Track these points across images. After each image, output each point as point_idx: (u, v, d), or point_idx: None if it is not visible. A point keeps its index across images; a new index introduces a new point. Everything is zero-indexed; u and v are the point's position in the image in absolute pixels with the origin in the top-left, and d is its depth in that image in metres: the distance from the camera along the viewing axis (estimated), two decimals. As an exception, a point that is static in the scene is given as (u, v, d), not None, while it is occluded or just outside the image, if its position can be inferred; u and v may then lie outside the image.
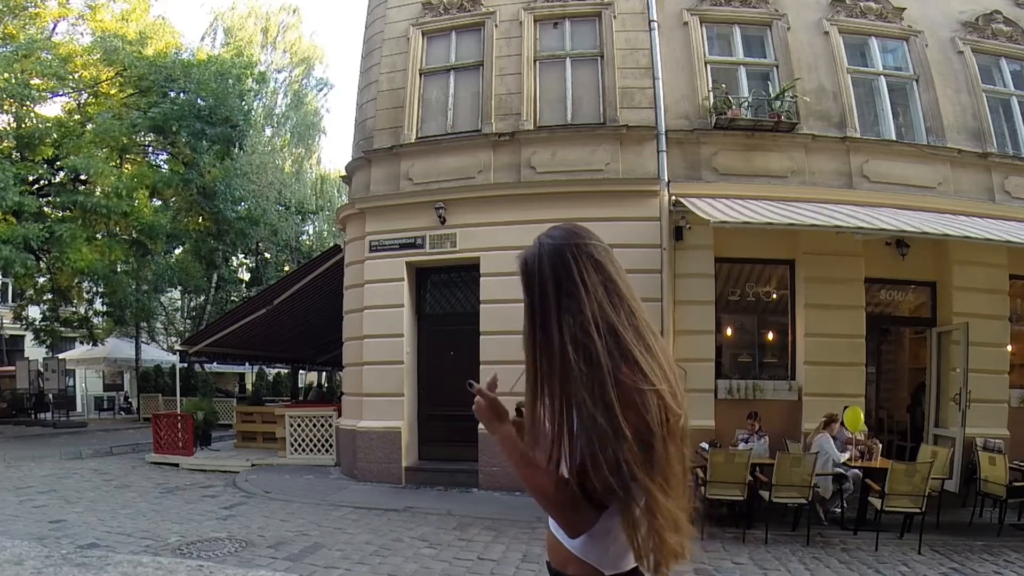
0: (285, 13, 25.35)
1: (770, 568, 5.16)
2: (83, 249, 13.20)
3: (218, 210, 16.71)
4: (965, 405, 7.47)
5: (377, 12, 9.96)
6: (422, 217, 8.61)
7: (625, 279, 1.13)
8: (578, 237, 1.15)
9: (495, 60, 8.98)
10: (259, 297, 12.91)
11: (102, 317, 19.83)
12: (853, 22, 8.97)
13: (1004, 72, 9.25)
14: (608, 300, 1.08)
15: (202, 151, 16.08)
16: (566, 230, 1.17)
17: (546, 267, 1.11)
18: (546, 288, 1.10)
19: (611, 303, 1.08)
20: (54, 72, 14.02)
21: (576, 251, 1.12)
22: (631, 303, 1.10)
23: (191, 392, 17.10)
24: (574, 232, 1.16)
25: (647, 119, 8.44)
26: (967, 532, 6.28)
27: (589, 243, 1.14)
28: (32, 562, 4.78)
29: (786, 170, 8.42)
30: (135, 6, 16.57)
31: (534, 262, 1.13)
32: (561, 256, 1.11)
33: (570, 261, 1.10)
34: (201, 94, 15.98)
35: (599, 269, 1.11)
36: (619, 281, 1.11)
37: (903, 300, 8.74)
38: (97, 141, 13.96)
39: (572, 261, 1.10)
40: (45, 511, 6.82)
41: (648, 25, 8.77)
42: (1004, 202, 8.56)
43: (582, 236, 1.15)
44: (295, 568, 4.96)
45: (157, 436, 11.16)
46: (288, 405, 12.87)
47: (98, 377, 23.87)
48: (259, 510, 7.14)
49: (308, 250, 21.57)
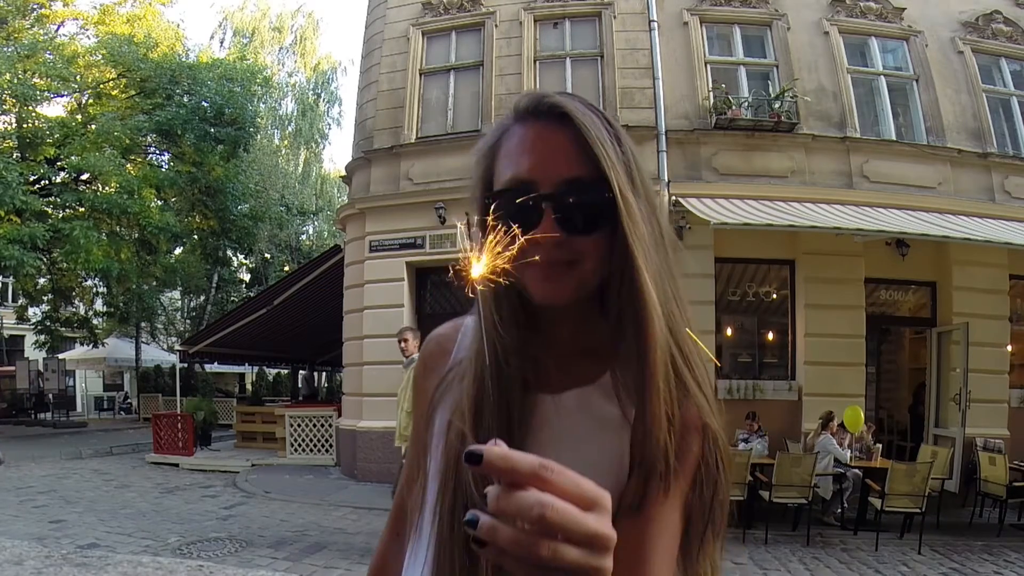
0: (301, 16, 25.21)
1: (770, 568, 5.16)
2: (93, 248, 13.20)
3: (224, 207, 16.73)
4: (965, 405, 7.47)
5: (377, 12, 9.96)
6: (422, 217, 8.61)
7: None
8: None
9: (495, 60, 8.98)
10: (259, 297, 12.93)
11: (103, 317, 19.85)
12: (853, 22, 8.97)
13: (1004, 72, 9.25)
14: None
15: (208, 151, 16.09)
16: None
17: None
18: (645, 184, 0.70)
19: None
20: (57, 73, 14.02)
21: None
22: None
23: (191, 392, 17.09)
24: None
25: (647, 119, 8.44)
26: (967, 532, 6.29)
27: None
28: (32, 562, 4.78)
29: (786, 170, 8.42)
30: (145, 11, 16.58)
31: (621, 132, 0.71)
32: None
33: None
34: (207, 97, 15.98)
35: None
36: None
37: (903, 300, 8.75)
38: (99, 141, 13.95)
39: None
40: (45, 511, 6.82)
41: (648, 25, 8.77)
42: (1004, 202, 8.55)
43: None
44: (295, 568, 4.96)
45: (157, 436, 11.16)
46: (288, 405, 12.87)
47: (98, 377, 23.86)
48: (259, 510, 7.14)
49: (308, 250, 21.61)
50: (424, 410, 0.78)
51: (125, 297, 16.61)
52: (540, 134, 0.68)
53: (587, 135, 0.65)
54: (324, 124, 24.84)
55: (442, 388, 0.75)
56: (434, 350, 0.82)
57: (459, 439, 0.68)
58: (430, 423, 0.76)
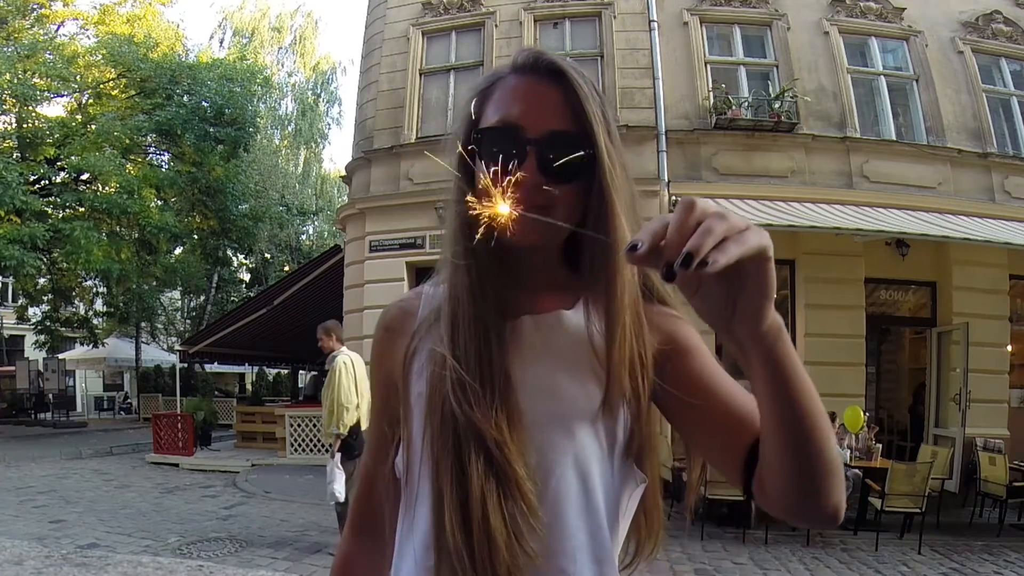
0: (300, 16, 25.18)
1: (770, 568, 5.16)
2: (93, 249, 13.21)
3: (224, 207, 16.74)
4: (965, 405, 7.47)
5: (377, 12, 9.96)
6: (422, 217, 8.61)
7: None
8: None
9: (495, 60, 8.97)
10: (259, 297, 12.94)
11: (103, 317, 19.85)
12: (853, 22, 8.97)
13: (1004, 72, 9.25)
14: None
15: (208, 152, 16.10)
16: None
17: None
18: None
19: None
20: (57, 73, 14.02)
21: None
22: None
23: (191, 392, 17.11)
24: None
25: (647, 119, 8.44)
26: (967, 532, 6.29)
27: None
28: (32, 562, 4.78)
29: (786, 170, 8.42)
30: (145, 11, 16.58)
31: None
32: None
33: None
34: (207, 97, 15.98)
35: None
36: None
37: (903, 300, 8.74)
38: (99, 141, 13.95)
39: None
40: (45, 511, 6.82)
41: (648, 25, 8.77)
42: (1004, 202, 8.55)
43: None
44: (295, 568, 4.96)
45: (157, 436, 11.16)
46: (288, 405, 12.87)
47: (98, 377, 23.87)
48: (259, 510, 7.14)
49: (308, 250, 21.60)
50: (394, 372, 0.78)
51: (125, 297, 16.66)
52: (533, 87, 0.72)
53: (579, 93, 0.70)
54: (324, 124, 24.81)
55: (416, 340, 0.76)
56: (396, 314, 0.82)
57: (441, 363, 0.70)
58: (407, 380, 0.76)
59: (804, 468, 0.58)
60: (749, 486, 0.65)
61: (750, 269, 0.51)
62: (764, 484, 0.62)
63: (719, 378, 0.71)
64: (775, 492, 0.62)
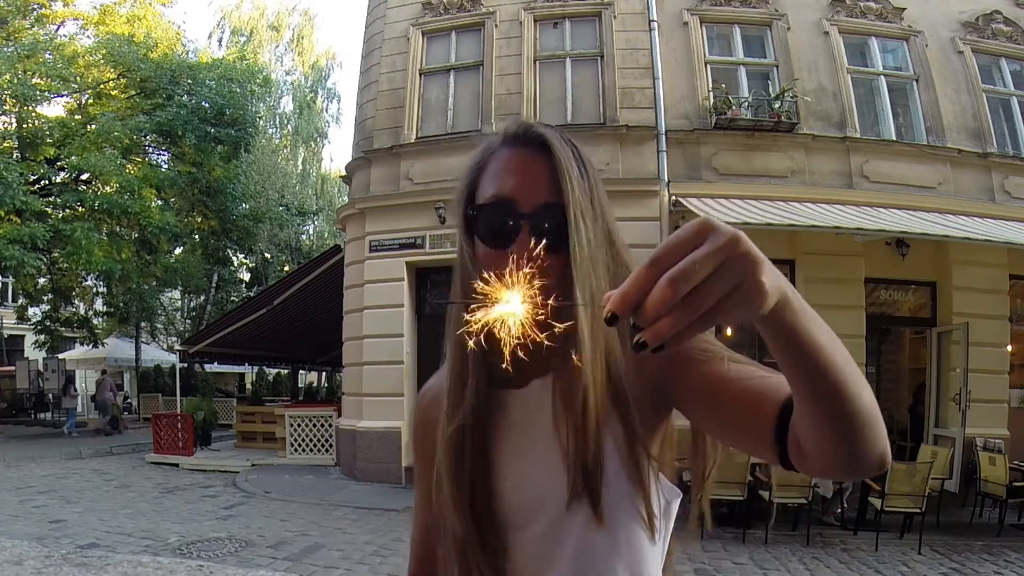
0: (298, 14, 25.17)
1: (770, 568, 5.16)
2: (94, 249, 13.21)
3: (224, 207, 16.74)
4: (965, 405, 7.47)
5: (377, 12, 9.96)
6: (422, 217, 8.61)
7: None
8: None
9: (495, 60, 8.98)
10: (259, 297, 12.92)
11: (103, 317, 19.84)
12: (853, 22, 8.97)
13: (1004, 72, 9.25)
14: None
15: (208, 152, 16.10)
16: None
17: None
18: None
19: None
20: (57, 73, 14.02)
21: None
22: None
23: (191, 392, 17.11)
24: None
25: (647, 119, 8.44)
26: (967, 532, 6.28)
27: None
28: (32, 562, 4.78)
29: (786, 170, 8.42)
30: (145, 11, 16.58)
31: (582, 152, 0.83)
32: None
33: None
34: (207, 98, 15.98)
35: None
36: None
37: (903, 300, 8.74)
38: (99, 141, 13.96)
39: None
40: (45, 511, 6.82)
41: (648, 25, 8.77)
42: (1004, 202, 8.55)
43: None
44: (295, 568, 4.97)
45: (157, 436, 11.16)
46: (288, 405, 12.87)
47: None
48: (259, 510, 7.14)
49: (308, 250, 21.56)
50: (433, 450, 0.86)
51: (125, 297, 16.65)
52: (524, 159, 0.77)
53: (558, 167, 0.75)
54: (323, 122, 24.78)
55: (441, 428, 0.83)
56: (431, 401, 0.90)
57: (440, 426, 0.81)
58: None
59: (842, 421, 0.57)
60: (786, 458, 0.64)
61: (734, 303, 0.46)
62: (803, 449, 0.61)
63: (727, 369, 0.72)
64: (816, 453, 0.60)
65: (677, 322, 0.44)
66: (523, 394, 0.80)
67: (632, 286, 0.45)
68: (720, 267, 0.44)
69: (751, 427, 0.68)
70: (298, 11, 25.83)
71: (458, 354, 0.79)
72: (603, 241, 0.77)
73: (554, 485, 0.75)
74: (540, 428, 0.78)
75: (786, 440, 0.63)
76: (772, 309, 0.49)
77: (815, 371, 0.54)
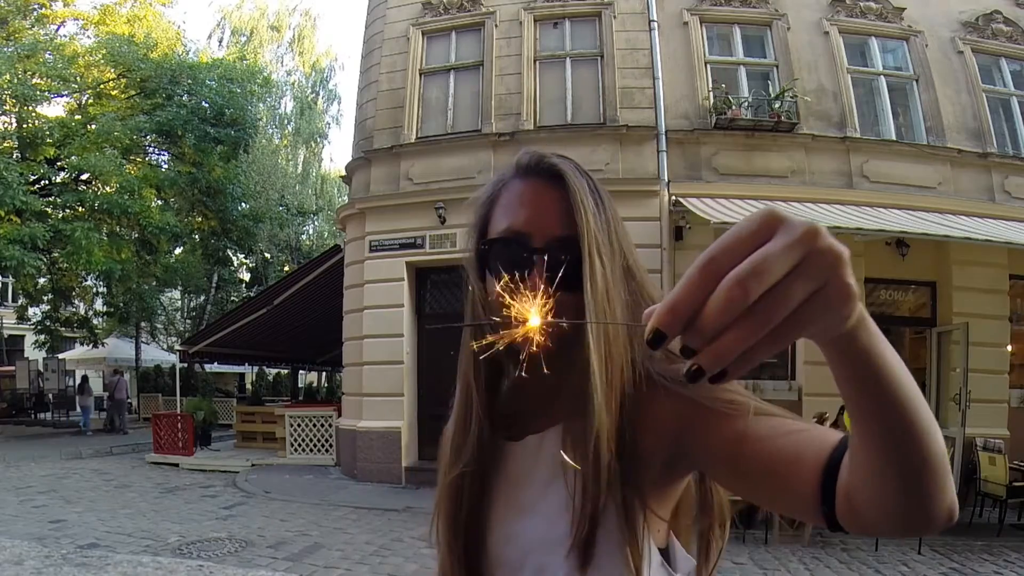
0: (299, 15, 25.14)
1: (770, 568, 5.17)
2: (95, 250, 13.21)
3: (224, 207, 16.75)
4: (965, 405, 7.47)
5: (377, 12, 9.96)
6: (422, 217, 8.61)
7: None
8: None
9: (495, 60, 8.98)
10: (259, 297, 12.92)
11: (103, 317, 19.84)
12: (853, 22, 8.97)
13: (1004, 72, 9.25)
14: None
15: (208, 152, 16.10)
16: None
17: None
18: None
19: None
20: (57, 73, 14.02)
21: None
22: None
23: (191, 392, 17.11)
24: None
25: (647, 119, 8.44)
26: (967, 532, 6.28)
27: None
28: (32, 562, 4.78)
29: (786, 170, 8.42)
30: (145, 11, 16.59)
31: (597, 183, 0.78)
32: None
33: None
34: (207, 98, 15.98)
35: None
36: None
37: (903, 300, 8.74)
38: (99, 141, 13.96)
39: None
40: (45, 511, 6.82)
41: (648, 25, 8.77)
42: (1004, 202, 8.55)
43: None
44: (295, 568, 4.97)
45: (157, 436, 11.16)
46: (288, 405, 12.87)
47: (98, 377, 23.84)
48: (259, 510, 7.14)
49: (308, 250, 21.56)
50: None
51: (125, 297, 16.67)
52: (538, 191, 0.73)
53: (572, 199, 0.71)
54: (323, 123, 24.77)
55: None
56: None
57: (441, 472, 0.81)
58: None
59: (911, 468, 0.48)
60: (834, 518, 0.55)
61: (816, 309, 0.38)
62: (855, 506, 0.53)
63: (758, 426, 0.62)
64: (875, 508, 0.51)
65: (745, 337, 0.35)
66: (520, 448, 0.78)
67: (683, 294, 0.36)
68: (799, 265, 0.37)
69: (791, 490, 0.59)
70: (299, 11, 25.86)
71: (464, 399, 0.78)
72: (621, 276, 0.72)
73: (539, 545, 0.72)
74: (534, 486, 0.75)
75: (833, 499, 0.55)
76: (852, 325, 0.41)
77: (890, 407, 0.46)
